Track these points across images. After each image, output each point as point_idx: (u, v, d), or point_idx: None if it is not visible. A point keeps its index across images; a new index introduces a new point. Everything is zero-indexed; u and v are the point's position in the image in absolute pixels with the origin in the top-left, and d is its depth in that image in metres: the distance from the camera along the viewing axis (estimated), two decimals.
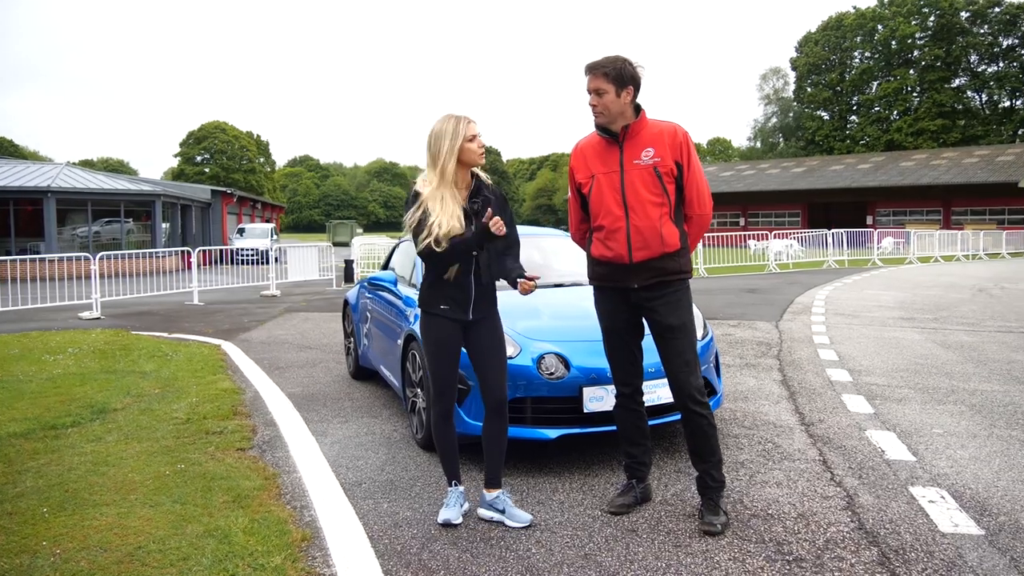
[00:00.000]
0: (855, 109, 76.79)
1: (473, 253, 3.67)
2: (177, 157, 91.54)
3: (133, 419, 5.70)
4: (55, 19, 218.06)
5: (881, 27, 72.28)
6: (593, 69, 3.67)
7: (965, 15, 68.65)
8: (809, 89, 78.44)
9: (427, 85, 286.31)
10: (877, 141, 71.46)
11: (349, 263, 20.00)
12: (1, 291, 15.01)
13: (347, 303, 7.77)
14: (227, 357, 8.61)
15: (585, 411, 4.43)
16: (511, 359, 4.38)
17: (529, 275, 3.71)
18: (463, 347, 3.79)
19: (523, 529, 3.63)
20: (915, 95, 72.01)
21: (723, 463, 3.81)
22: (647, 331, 3.86)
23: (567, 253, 6.28)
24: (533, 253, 5.95)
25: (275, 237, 36.38)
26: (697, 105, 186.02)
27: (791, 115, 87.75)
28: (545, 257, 6.27)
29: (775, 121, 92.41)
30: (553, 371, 4.45)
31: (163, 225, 31.03)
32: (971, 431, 5.19)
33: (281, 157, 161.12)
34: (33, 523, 3.68)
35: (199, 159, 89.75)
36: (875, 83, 74.43)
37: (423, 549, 3.43)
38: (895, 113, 73.08)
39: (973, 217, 46.32)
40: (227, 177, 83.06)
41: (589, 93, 3.69)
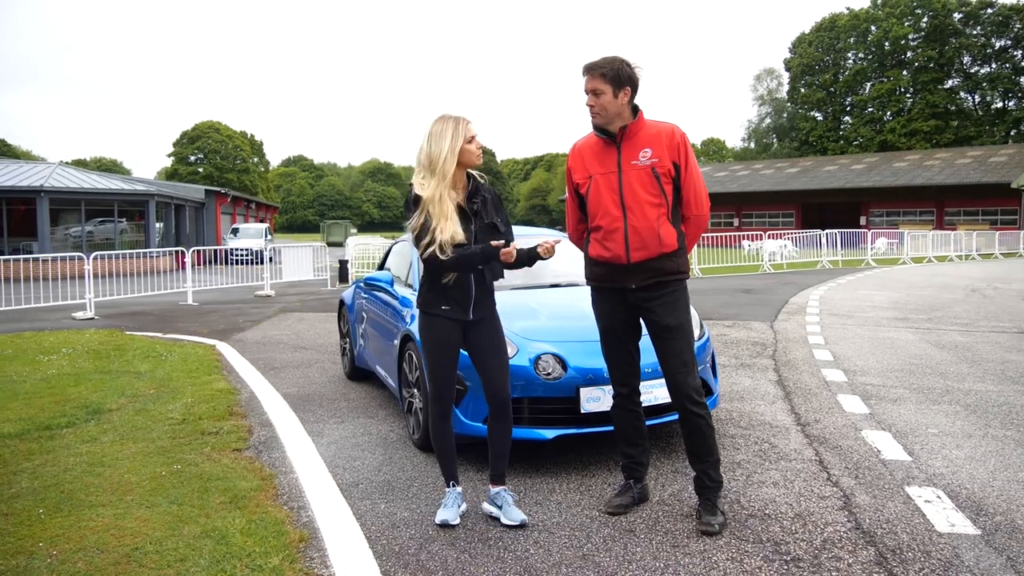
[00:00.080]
0: (849, 110, 76.97)
1: (478, 267, 3.68)
2: (170, 157, 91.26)
3: (128, 420, 5.68)
4: (49, 19, 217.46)
5: (874, 28, 72.49)
6: (591, 70, 3.67)
7: (958, 16, 68.89)
8: (803, 90, 78.61)
9: (421, 85, 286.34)
10: (871, 142, 71.66)
11: (344, 263, 19.98)
12: None
13: (343, 303, 7.76)
14: (222, 357, 8.59)
15: (582, 411, 4.43)
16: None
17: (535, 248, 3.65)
18: (462, 348, 3.79)
19: (521, 530, 3.64)
20: (908, 96, 72.23)
21: (720, 463, 3.82)
22: (644, 331, 3.87)
23: (562, 253, 6.25)
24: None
25: (269, 237, 36.29)
26: (691, 106, 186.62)
27: (785, 116, 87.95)
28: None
29: (769, 122, 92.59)
30: (550, 371, 4.46)
31: (157, 225, 30.93)
32: (966, 431, 5.21)
33: (275, 157, 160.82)
34: (29, 524, 3.66)
35: (193, 159, 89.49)
36: (868, 84, 74.63)
37: (421, 550, 3.43)
38: (888, 114, 73.28)
39: (966, 218, 46.49)
40: (221, 177, 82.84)
41: (587, 93, 3.69)
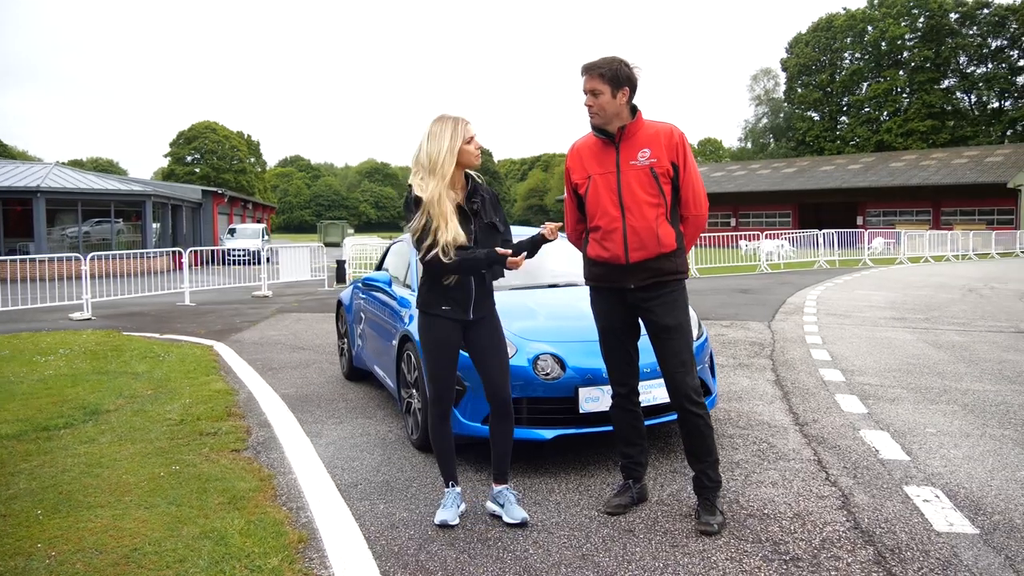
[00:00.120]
0: (845, 110, 77.11)
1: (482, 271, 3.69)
2: (167, 157, 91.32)
3: (126, 420, 5.67)
4: (46, 19, 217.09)
5: (871, 28, 72.64)
6: (589, 70, 3.67)
7: (954, 16, 69.08)
8: (799, 90, 78.74)
9: (418, 85, 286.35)
10: (867, 142, 71.79)
11: (341, 263, 19.96)
12: None
13: (341, 304, 7.76)
14: (220, 358, 8.58)
15: (581, 411, 4.43)
16: None
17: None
18: (462, 348, 3.79)
19: (521, 529, 3.64)
20: (905, 96, 72.37)
21: (719, 463, 3.82)
22: (643, 331, 3.87)
23: (561, 253, 6.27)
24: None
25: (266, 237, 36.25)
26: (688, 106, 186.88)
27: (782, 116, 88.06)
28: (539, 257, 6.25)
29: (766, 122, 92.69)
30: (549, 371, 4.46)
31: (153, 225, 30.90)
32: (964, 430, 5.22)
33: (272, 157, 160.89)
34: (27, 525, 3.66)
35: (189, 159, 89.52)
36: (865, 84, 74.77)
37: (420, 550, 3.43)
38: (885, 114, 73.44)
39: (962, 217, 46.57)
40: (217, 177, 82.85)
41: (585, 93, 3.69)
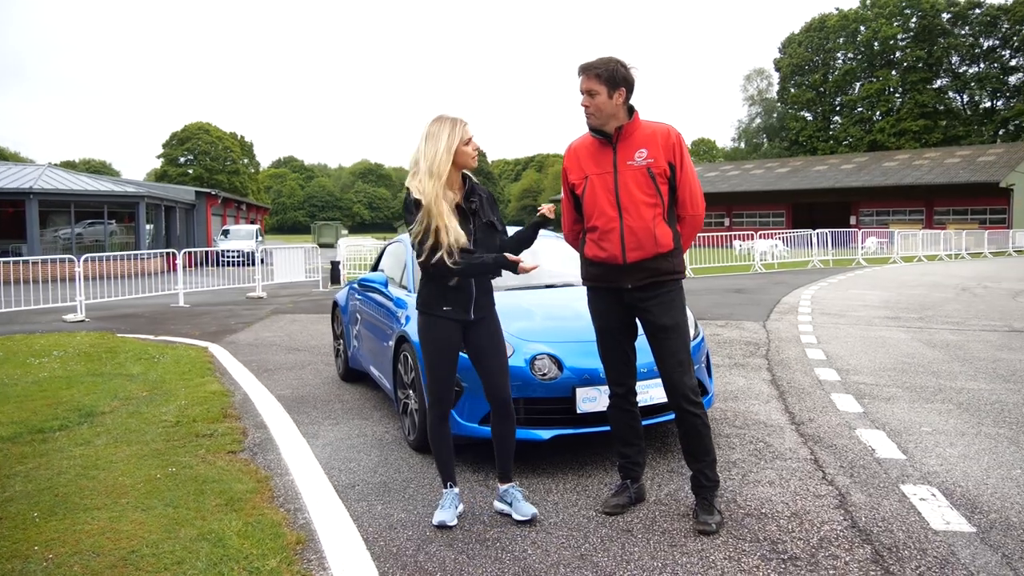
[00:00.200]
0: (838, 110, 77.33)
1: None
2: (160, 158, 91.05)
3: (122, 422, 5.66)
4: (36, 19, 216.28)
5: (863, 28, 72.85)
6: (586, 70, 3.67)
7: (946, 16, 69.34)
8: (793, 90, 78.95)
9: (412, 86, 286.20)
10: (860, 141, 71.99)
11: (335, 264, 19.94)
12: None
13: (336, 304, 7.74)
14: (214, 359, 8.56)
15: (578, 412, 4.44)
16: None
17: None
18: (461, 349, 3.79)
19: (519, 530, 3.64)
20: (897, 96, 72.62)
21: (716, 463, 3.82)
22: (641, 331, 3.87)
23: (557, 253, 6.28)
24: (523, 254, 5.94)
25: (260, 239, 36.19)
26: (681, 106, 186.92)
27: (775, 116, 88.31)
28: (535, 258, 6.26)
29: (759, 122, 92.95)
30: (546, 372, 4.46)
31: (147, 227, 30.80)
32: (959, 429, 5.24)
33: (265, 158, 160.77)
34: (24, 528, 3.64)
35: (182, 160, 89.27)
36: (858, 84, 75.01)
37: (419, 551, 3.43)
38: (878, 114, 73.67)
39: (955, 217, 46.72)
40: (211, 178, 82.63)
41: (582, 94, 3.70)
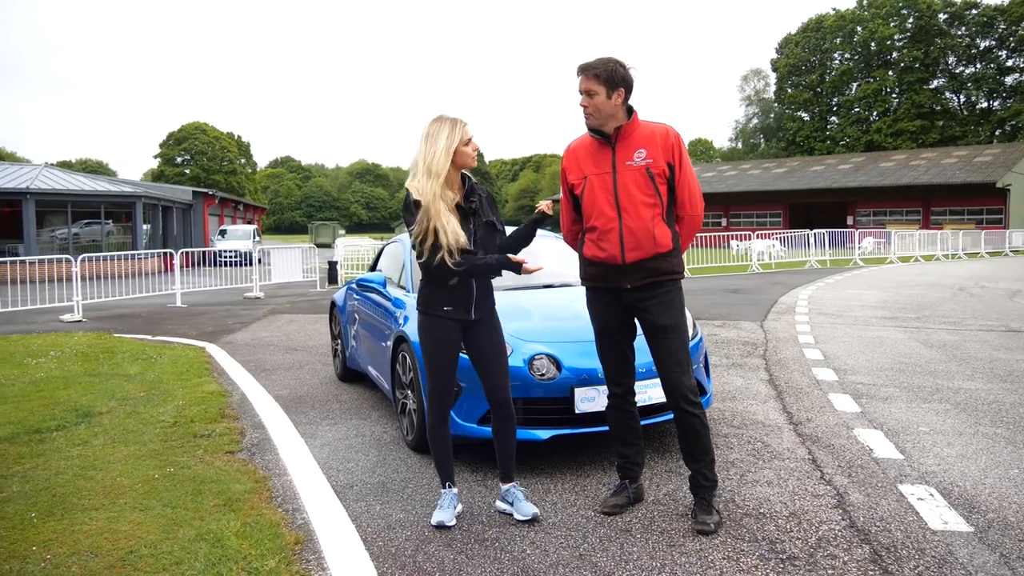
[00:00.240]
0: (835, 110, 77.42)
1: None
2: (157, 158, 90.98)
3: (119, 422, 5.65)
4: (33, 19, 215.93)
5: (860, 29, 72.95)
6: (585, 70, 3.68)
7: (943, 17, 69.47)
8: (790, 90, 79.04)
9: (409, 86, 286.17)
10: (857, 142, 72.09)
11: (333, 264, 19.92)
12: None
13: (334, 305, 7.74)
14: (212, 359, 8.55)
15: (576, 412, 4.44)
16: None
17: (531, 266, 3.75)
18: (461, 349, 3.79)
19: (518, 530, 3.64)
20: (894, 96, 72.72)
21: (715, 462, 3.83)
22: (639, 331, 3.88)
23: (555, 254, 6.28)
24: (522, 253, 5.94)
25: (257, 239, 36.13)
26: (679, 106, 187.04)
27: (772, 116, 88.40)
28: (533, 258, 6.26)
29: (756, 122, 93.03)
30: (544, 372, 4.46)
31: (144, 227, 30.74)
32: (957, 429, 5.24)
33: (262, 158, 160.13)
34: (22, 528, 3.64)
35: (179, 160, 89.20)
36: (855, 84, 75.09)
37: (417, 551, 3.42)
38: (875, 114, 73.78)
39: (952, 217, 46.82)
40: (208, 178, 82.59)
41: (580, 94, 3.70)
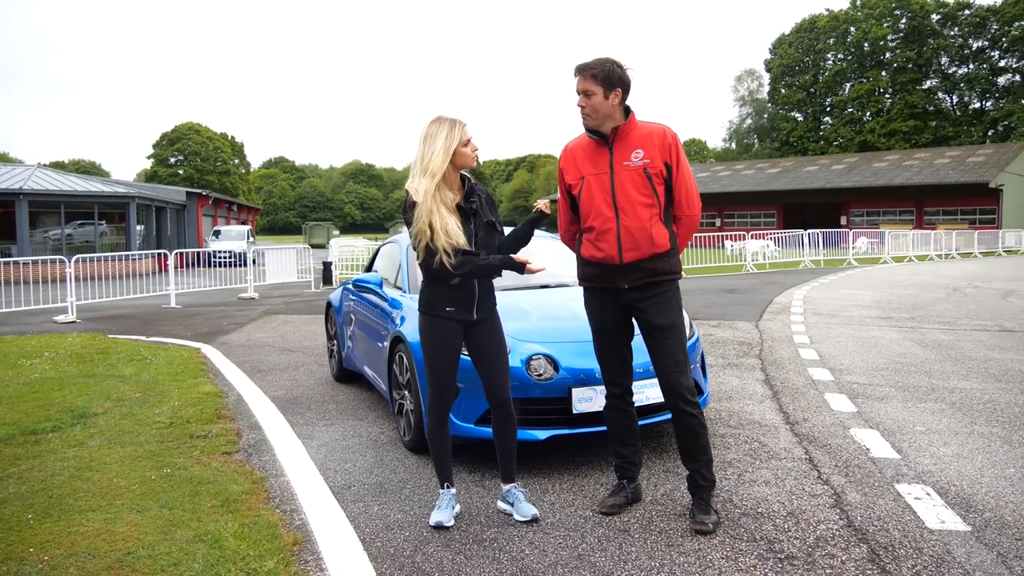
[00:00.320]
0: (828, 110, 77.61)
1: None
2: (150, 159, 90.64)
3: (115, 423, 5.63)
4: (26, 20, 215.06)
5: (853, 29, 73.12)
6: (582, 70, 3.68)
7: (936, 17, 69.71)
8: (783, 91, 79.18)
9: (403, 86, 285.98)
10: (850, 142, 72.27)
11: (328, 265, 19.91)
12: None
13: (330, 305, 7.73)
14: (207, 360, 8.53)
15: (574, 412, 4.44)
16: None
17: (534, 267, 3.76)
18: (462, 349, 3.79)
19: (517, 530, 3.64)
20: (887, 96, 72.92)
21: (713, 462, 3.83)
22: (637, 331, 3.88)
23: (551, 254, 6.27)
24: (520, 254, 5.94)
25: (251, 239, 36.06)
26: (672, 106, 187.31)
27: (766, 116, 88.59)
28: (530, 258, 6.27)
29: (750, 122, 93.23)
30: (542, 372, 4.46)
31: (138, 227, 30.64)
32: (953, 428, 5.26)
33: (256, 159, 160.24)
34: (18, 530, 3.62)
35: (173, 161, 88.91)
36: (848, 84, 75.28)
37: (416, 552, 3.42)
38: (868, 114, 73.95)
39: (945, 217, 46.95)
40: (201, 179, 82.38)
41: (578, 94, 3.70)
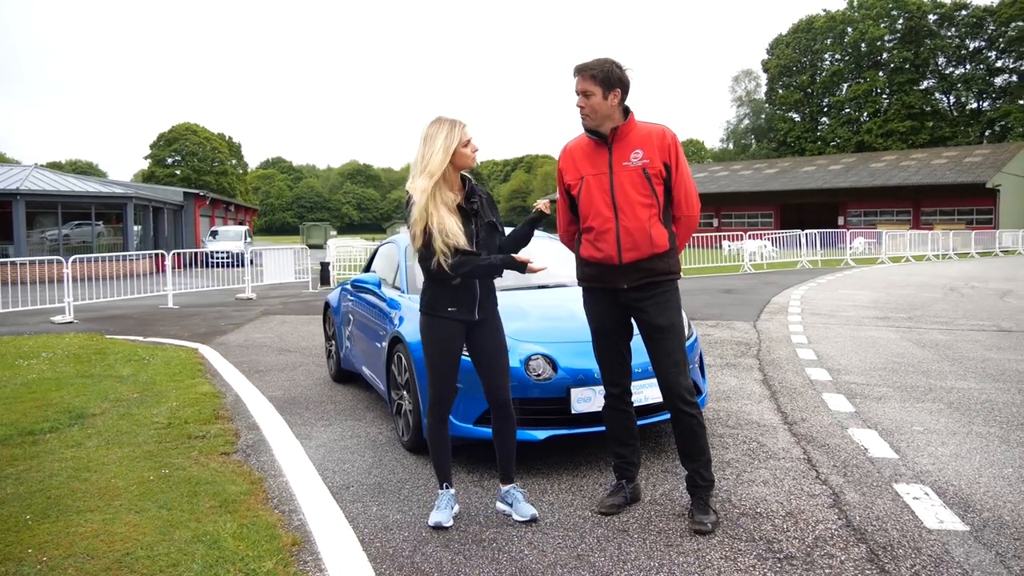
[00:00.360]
0: (826, 111, 77.66)
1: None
2: (147, 159, 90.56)
3: (113, 424, 5.62)
4: (23, 20, 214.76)
5: (851, 29, 73.19)
6: (581, 71, 3.68)
7: (933, 18, 69.78)
8: (780, 91, 79.23)
9: (401, 87, 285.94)
10: (848, 142, 72.33)
11: (325, 265, 19.91)
12: None
13: (328, 305, 7.72)
14: (205, 361, 8.52)
15: (573, 412, 4.44)
16: None
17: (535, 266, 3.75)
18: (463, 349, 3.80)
19: (516, 530, 3.64)
20: (884, 97, 72.99)
21: (711, 462, 3.83)
22: (636, 331, 3.88)
23: (549, 254, 6.26)
24: (520, 253, 5.94)
25: (249, 240, 36.04)
26: (670, 107, 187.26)
27: (763, 117, 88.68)
28: (530, 258, 6.27)
29: (747, 123, 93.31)
30: (541, 372, 4.46)
31: (135, 228, 30.61)
32: (950, 428, 5.27)
33: (253, 159, 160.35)
34: (16, 530, 3.62)
35: (170, 161, 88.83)
36: (845, 85, 75.34)
37: (415, 552, 3.42)
38: (865, 115, 74.00)
39: (942, 217, 46.99)
40: (198, 179, 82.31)
41: (577, 94, 3.71)
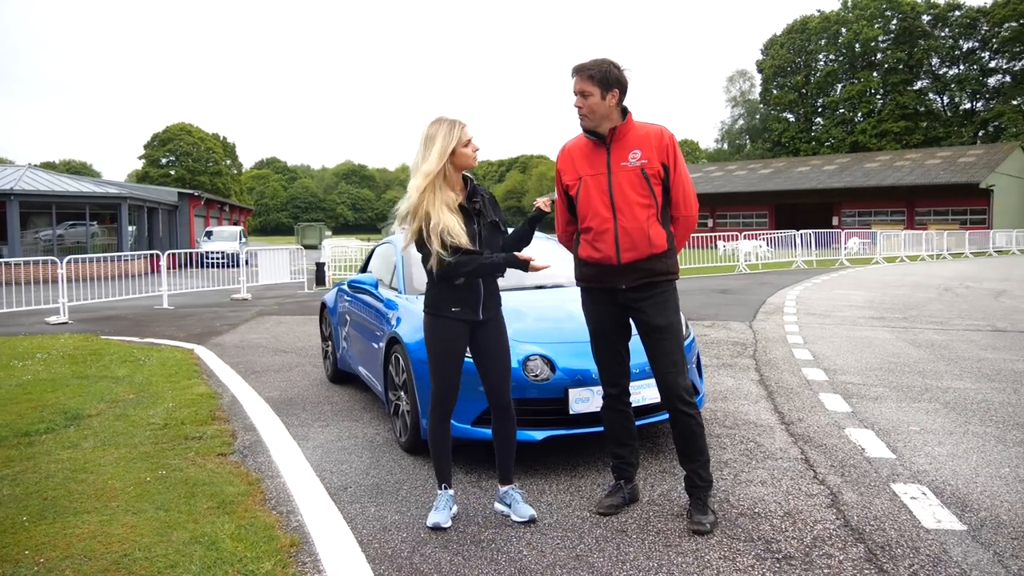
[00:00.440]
0: (820, 111, 77.88)
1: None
2: (142, 159, 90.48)
3: (109, 425, 5.61)
4: (16, 20, 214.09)
5: (845, 30, 73.41)
6: (579, 71, 3.68)
7: (926, 19, 70.03)
8: (775, 91, 79.42)
9: (396, 87, 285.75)
10: (842, 143, 72.53)
11: (321, 266, 19.89)
12: None
13: (324, 306, 7.71)
14: (201, 361, 8.50)
15: (571, 412, 4.44)
16: None
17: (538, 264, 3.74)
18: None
19: (514, 531, 3.63)
20: (878, 97, 73.21)
21: (710, 462, 3.83)
22: (634, 332, 3.88)
23: (546, 254, 6.24)
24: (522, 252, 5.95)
25: (244, 240, 35.95)
26: (664, 107, 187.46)
27: (757, 117, 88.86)
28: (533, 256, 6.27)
29: (742, 123, 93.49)
30: (539, 373, 4.46)
31: (129, 228, 30.52)
32: (947, 428, 5.28)
33: (248, 159, 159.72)
34: (13, 532, 3.60)
35: (164, 161, 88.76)
36: (839, 85, 75.57)
37: (414, 553, 3.42)
38: (859, 115, 74.23)
39: (936, 217, 47.14)
40: (193, 179, 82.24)
41: (575, 95, 3.71)
